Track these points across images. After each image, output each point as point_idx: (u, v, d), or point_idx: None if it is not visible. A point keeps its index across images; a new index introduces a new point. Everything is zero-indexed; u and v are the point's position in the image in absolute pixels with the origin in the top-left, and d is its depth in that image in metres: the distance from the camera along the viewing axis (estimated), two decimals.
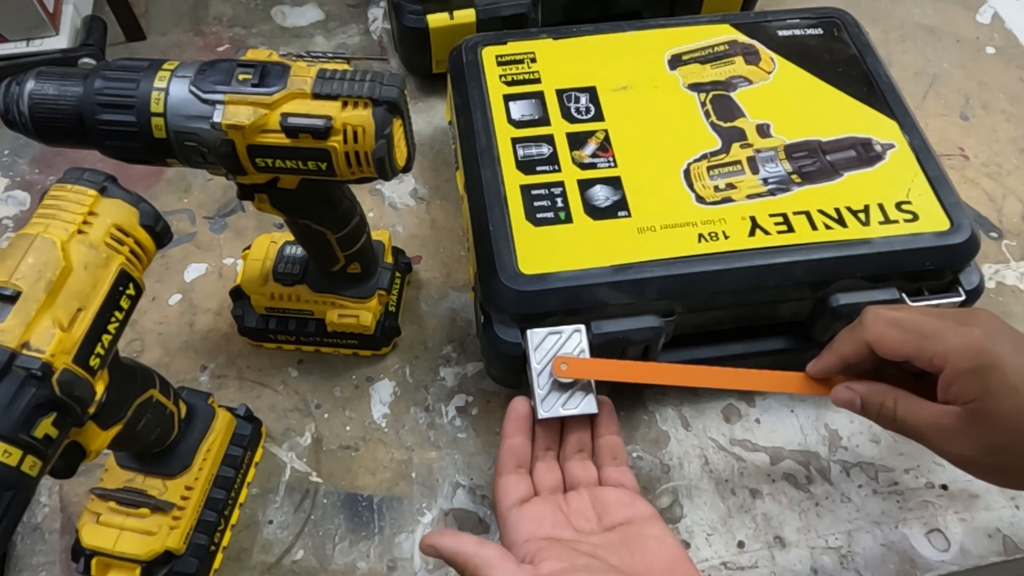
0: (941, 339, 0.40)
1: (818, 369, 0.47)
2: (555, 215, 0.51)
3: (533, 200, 0.52)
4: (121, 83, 0.39)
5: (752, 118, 0.57)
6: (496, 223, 0.51)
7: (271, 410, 0.57)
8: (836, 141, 0.55)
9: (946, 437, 0.40)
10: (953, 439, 0.40)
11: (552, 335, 0.48)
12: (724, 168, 0.54)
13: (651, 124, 0.57)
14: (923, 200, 0.53)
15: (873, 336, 0.43)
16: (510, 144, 0.55)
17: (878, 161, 0.55)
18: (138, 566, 0.46)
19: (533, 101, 0.57)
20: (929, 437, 0.41)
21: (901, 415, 0.42)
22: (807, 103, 0.58)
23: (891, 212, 0.52)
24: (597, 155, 0.54)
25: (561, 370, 0.47)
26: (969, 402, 0.39)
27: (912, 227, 0.51)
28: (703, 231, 0.51)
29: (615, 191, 0.53)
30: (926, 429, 0.41)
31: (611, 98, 0.58)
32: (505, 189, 0.52)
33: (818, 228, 0.51)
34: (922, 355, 0.41)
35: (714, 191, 0.53)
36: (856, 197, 0.53)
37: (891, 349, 0.42)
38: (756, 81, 0.59)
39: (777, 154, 0.55)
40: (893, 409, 0.43)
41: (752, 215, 0.51)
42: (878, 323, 0.43)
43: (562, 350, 0.48)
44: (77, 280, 0.35)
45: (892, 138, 0.56)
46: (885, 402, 0.43)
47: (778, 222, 0.51)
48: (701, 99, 0.58)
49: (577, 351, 0.48)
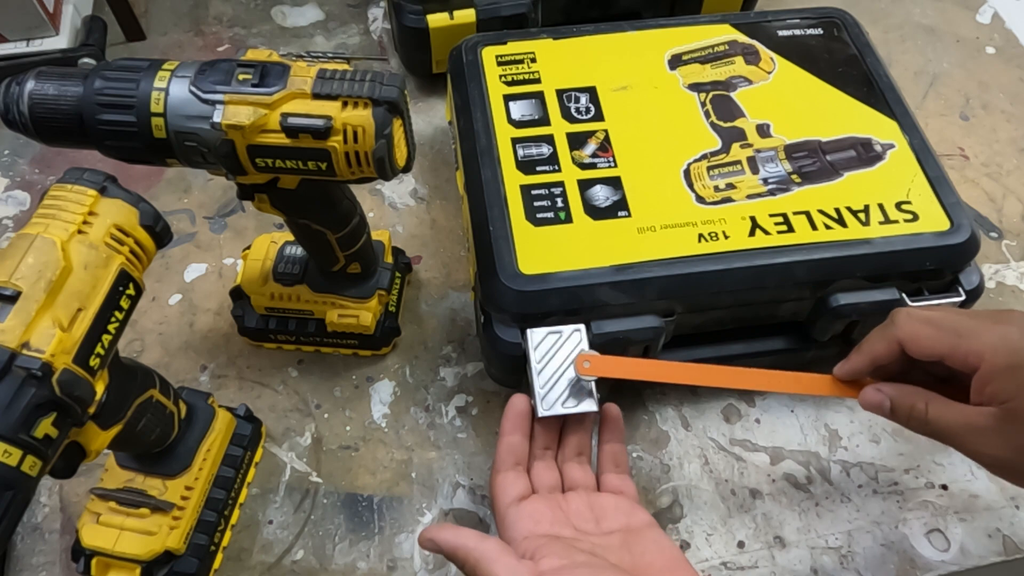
0: (976, 337, 0.39)
1: (846, 371, 0.46)
2: (555, 215, 0.51)
3: (533, 200, 0.52)
4: (121, 83, 0.39)
5: (752, 118, 0.57)
6: (496, 223, 0.51)
7: (271, 410, 0.57)
8: (836, 141, 0.56)
9: (980, 439, 0.40)
10: (987, 441, 0.39)
11: (552, 335, 0.48)
12: (724, 168, 0.54)
13: (651, 124, 0.57)
14: (923, 200, 0.53)
15: (906, 334, 0.42)
16: (510, 144, 0.55)
17: (878, 161, 0.55)
18: (138, 566, 0.46)
19: (533, 101, 0.57)
20: (962, 439, 0.40)
21: (933, 417, 0.41)
22: (807, 103, 0.58)
23: (891, 212, 0.52)
24: (597, 155, 0.54)
25: (584, 368, 0.47)
26: (1005, 402, 0.38)
27: (912, 227, 0.51)
28: (703, 231, 0.51)
29: (615, 191, 0.53)
30: (959, 430, 0.40)
31: (611, 98, 0.58)
32: (505, 189, 0.52)
33: (818, 228, 0.51)
34: (956, 353, 0.40)
35: (714, 191, 0.53)
36: (856, 197, 0.53)
37: (924, 348, 0.41)
38: (756, 81, 0.59)
39: (777, 154, 0.55)
40: (924, 411, 0.42)
41: (752, 215, 0.51)
42: (911, 322, 0.42)
43: (562, 350, 0.48)
44: (77, 280, 0.35)
45: (892, 138, 0.56)
46: (916, 404, 0.42)
47: (778, 222, 0.51)
48: (701, 99, 0.58)
49: (577, 351, 0.48)
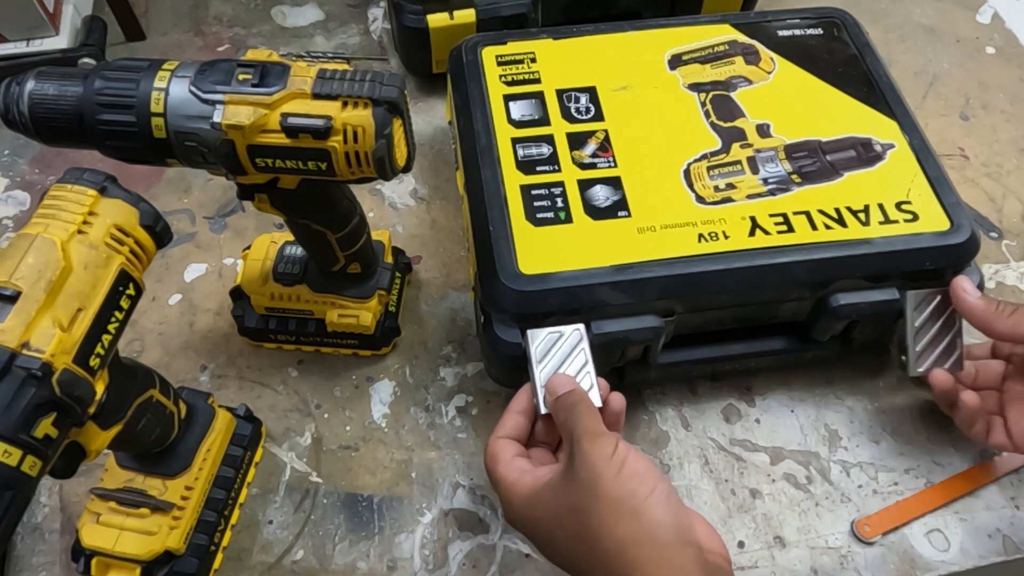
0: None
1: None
2: (555, 215, 0.51)
3: (533, 200, 0.52)
4: (121, 83, 0.39)
5: (752, 118, 0.57)
6: (496, 223, 0.51)
7: (271, 410, 0.57)
8: (836, 141, 0.55)
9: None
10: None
11: (552, 335, 0.48)
12: (724, 168, 0.54)
13: (651, 124, 0.57)
14: (923, 200, 0.53)
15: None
16: (510, 144, 0.55)
17: (878, 161, 0.55)
18: (138, 566, 0.46)
19: (533, 101, 0.57)
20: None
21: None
22: (807, 103, 0.58)
23: (891, 212, 0.52)
24: (597, 155, 0.54)
25: (865, 531, 0.51)
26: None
27: (912, 227, 0.51)
28: (703, 231, 0.51)
29: (615, 191, 0.53)
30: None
31: (611, 98, 0.58)
32: (505, 189, 0.52)
33: (818, 228, 0.51)
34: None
35: (714, 191, 0.53)
36: (856, 197, 0.53)
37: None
38: (756, 81, 0.59)
39: (777, 154, 0.55)
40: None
41: (752, 215, 0.51)
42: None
43: (562, 349, 0.48)
44: (77, 280, 0.35)
45: (892, 138, 0.56)
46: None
47: (778, 222, 0.51)
48: (701, 99, 0.58)
49: (578, 351, 0.48)
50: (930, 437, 0.56)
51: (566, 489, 0.39)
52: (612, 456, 0.38)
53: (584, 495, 0.38)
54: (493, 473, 0.43)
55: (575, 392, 0.44)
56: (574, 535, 0.38)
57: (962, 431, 0.51)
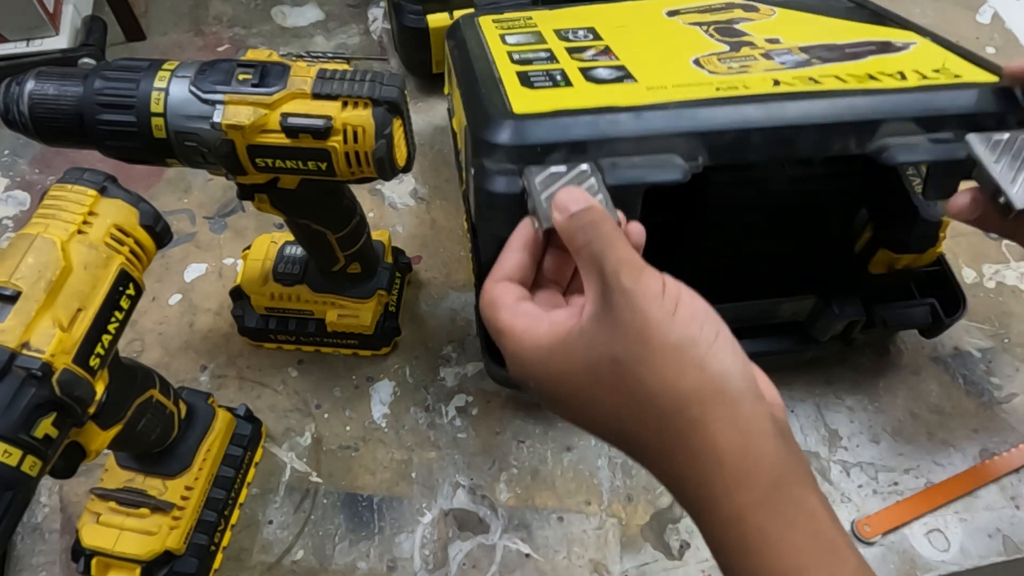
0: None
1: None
2: (552, 82, 0.46)
3: (529, 76, 0.47)
4: (121, 83, 0.39)
5: (759, 36, 0.53)
6: (484, 75, 0.47)
7: (271, 410, 0.57)
8: (853, 43, 0.50)
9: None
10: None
11: (556, 172, 0.39)
12: (736, 57, 0.49)
13: (654, 41, 0.53)
14: (961, 67, 0.47)
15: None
16: (506, 56, 0.50)
17: (903, 51, 0.49)
18: (138, 566, 0.46)
19: (529, 34, 0.54)
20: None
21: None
22: (816, 26, 0.54)
23: (929, 75, 0.45)
24: (597, 58, 0.50)
25: (865, 531, 0.51)
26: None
27: (958, 81, 0.45)
28: (720, 85, 0.44)
29: (619, 70, 0.47)
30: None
31: (611, 31, 0.54)
32: (499, 71, 0.48)
33: (848, 84, 0.45)
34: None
35: (727, 71, 0.47)
36: (886, 66, 0.46)
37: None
38: (757, 19, 0.56)
39: (792, 51, 0.50)
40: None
41: (775, 79, 0.45)
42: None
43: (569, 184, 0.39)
44: (77, 280, 0.35)
45: (912, 40, 0.51)
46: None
47: (804, 80, 0.45)
48: (704, 28, 0.54)
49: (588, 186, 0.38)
50: (930, 437, 0.56)
51: (603, 336, 0.31)
52: (663, 294, 0.31)
53: (631, 343, 0.31)
54: (495, 322, 0.35)
55: (594, 209, 0.34)
56: (616, 390, 0.31)
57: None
